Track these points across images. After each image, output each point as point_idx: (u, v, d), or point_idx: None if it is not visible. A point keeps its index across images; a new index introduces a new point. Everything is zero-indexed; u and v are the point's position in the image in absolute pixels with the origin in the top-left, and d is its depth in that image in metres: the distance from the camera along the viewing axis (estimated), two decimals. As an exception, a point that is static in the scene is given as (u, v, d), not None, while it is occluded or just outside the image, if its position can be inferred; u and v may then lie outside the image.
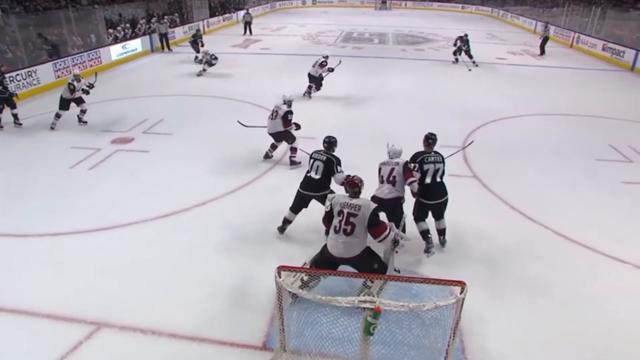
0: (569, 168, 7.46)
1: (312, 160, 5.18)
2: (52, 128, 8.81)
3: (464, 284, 3.04)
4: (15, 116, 8.96)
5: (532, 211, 6.01)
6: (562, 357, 3.77)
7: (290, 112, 7.04)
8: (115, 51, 15.25)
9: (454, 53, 15.53)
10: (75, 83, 8.73)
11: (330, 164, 5.05)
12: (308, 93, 11.14)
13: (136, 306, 4.23)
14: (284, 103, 7.11)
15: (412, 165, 4.91)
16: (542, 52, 18.00)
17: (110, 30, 16.19)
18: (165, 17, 19.90)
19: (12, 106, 8.88)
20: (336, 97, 11.32)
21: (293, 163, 7.26)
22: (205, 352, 3.75)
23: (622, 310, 4.33)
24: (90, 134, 8.69)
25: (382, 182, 4.96)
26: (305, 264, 4.29)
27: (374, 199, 4.74)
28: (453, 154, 5.93)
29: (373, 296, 2.80)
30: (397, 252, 4.26)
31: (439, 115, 9.74)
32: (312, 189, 5.15)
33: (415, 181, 4.81)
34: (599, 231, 5.59)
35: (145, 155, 7.68)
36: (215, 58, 13.12)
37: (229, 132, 8.50)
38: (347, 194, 4.07)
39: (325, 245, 4.04)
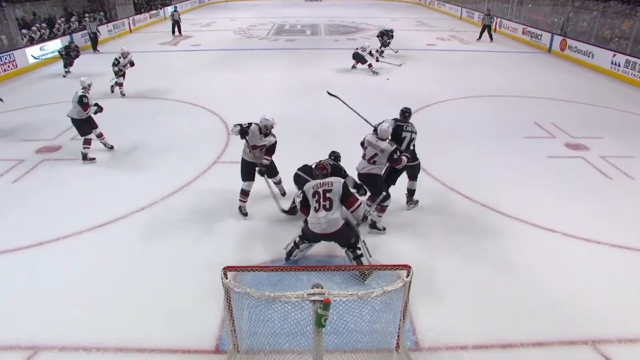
0: (501, 147, 7.88)
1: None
2: None
3: (410, 267, 3.13)
4: None
5: (469, 190, 6.29)
6: (504, 325, 4.00)
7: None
8: (32, 53, 14.16)
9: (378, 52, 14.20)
10: None
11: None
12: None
13: (75, 324, 4.00)
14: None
15: (397, 154, 5.13)
16: (491, 38, 18.43)
17: (24, 31, 15.00)
18: (96, 14, 18.70)
19: None
20: (272, 91, 11.22)
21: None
22: (155, 363, 3.62)
23: (554, 275, 4.66)
24: (11, 143, 8.04)
25: (363, 158, 5.28)
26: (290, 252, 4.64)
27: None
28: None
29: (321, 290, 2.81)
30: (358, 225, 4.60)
31: (376, 103, 9.91)
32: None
33: (404, 164, 5.21)
34: (530, 204, 5.96)
35: (75, 164, 7.22)
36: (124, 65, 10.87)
37: (162, 134, 8.23)
38: (316, 177, 4.54)
39: (307, 227, 4.44)
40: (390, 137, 5.24)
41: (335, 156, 5.42)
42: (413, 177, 5.76)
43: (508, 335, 3.90)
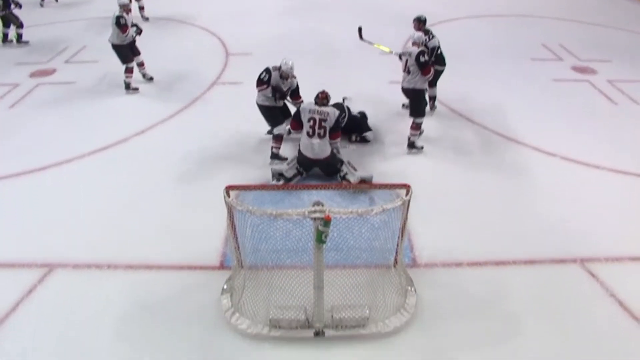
0: (507, 69, 7.65)
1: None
2: None
3: (409, 186, 3.18)
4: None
5: (470, 112, 6.24)
6: (498, 244, 4.16)
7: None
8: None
9: None
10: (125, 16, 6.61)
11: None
12: None
13: (86, 243, 4.15)
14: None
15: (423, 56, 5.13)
16: None
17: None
18: None
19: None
20: (273, 9, 10.68)
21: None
22: (164, 279, 3.81)
23: (549, 197, 4.76)
24: (3, 67, 7.82)
25: (404, 70, 5.36)
26: (276, 177, 4.78)
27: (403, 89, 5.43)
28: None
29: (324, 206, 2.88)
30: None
31: (374, 22, 9.45)
32: None
33: (431, 75, 5.26)
34: (532, 128, 5.92)
35: (71, 87, 7.08)
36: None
37: (162, 54, 7.97)
38: (316, 104, 4.73)
39: (299, 152, 4.77)
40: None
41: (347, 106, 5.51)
42: (435, 83, 5.94)
43: (501, 254, 4.06)
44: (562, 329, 3.43)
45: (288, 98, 5.25)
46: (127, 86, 6.82)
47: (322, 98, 4.78)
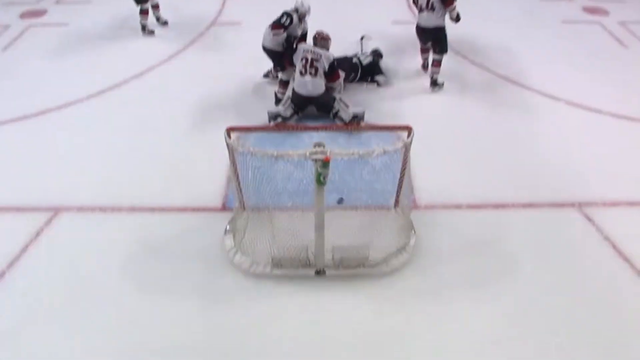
0: (512, 9, 7.34)
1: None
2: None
3: (410, 128, 3.15)
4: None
5: (474, 54, 6.10)
6: (498, 187, 4.19)
7: None
8: None
9: None
10: None
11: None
12: None
13: (90, 187, 4.18)
14: None
15: None
16: None
17: None
18: None
19: None
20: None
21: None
22: (167, 220, 3.87)
23: (550, 141, 4.74)
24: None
25: (420, 10, 5.23)
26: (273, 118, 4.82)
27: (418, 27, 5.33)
28: None
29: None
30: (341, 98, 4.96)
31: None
32: None
33: (455, 8, 5.06)
34: (537, 72, 5.79)
35: (64, 30, 6.84)
36: None
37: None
38: (315, 45, 4.80)
39: (293, 91, 4.83)
40: None
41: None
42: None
43: (501, 197, 4.09)
44: (556, 270, 3.51)
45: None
46: (143, 28, 6.60)
47: (320, 39, 4.80)
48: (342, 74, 5.08)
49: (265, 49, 5.06)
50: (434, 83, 5.43)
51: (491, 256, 3.61)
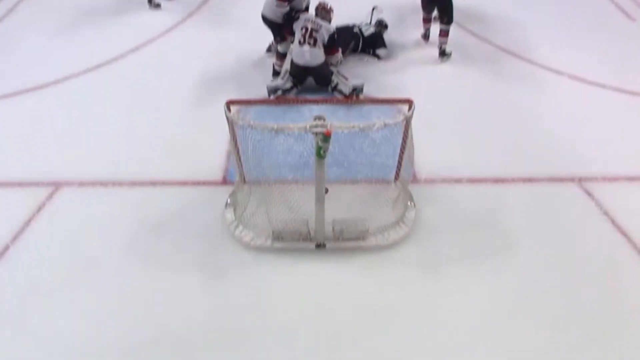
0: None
1: None
2: None
3: (411, 101, 3.13)
4: None
5: (475, 27, 6.01)
6: (498, 162, 4.19)
7: None
8: None
9: None
10: None
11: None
12: None
13: (90, 161, 4.18)
14: None
15: None
16: None
17: None
18: None
19: None
20: None
21: None
22: (168, 194, 3.88)
23: (552, 116, 4.70)
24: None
25: None
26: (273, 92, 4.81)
27: None
28: None
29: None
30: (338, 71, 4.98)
31: None
32: None
33: None
34: (540, 45, 5.72)
35: (59, 4, 6.64)
36: None
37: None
38: (316, 15, 4.83)
39: (292, 61, 4.83)
40: None
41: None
42: None
43: (501, 171, 4.10)
44: (554, 244, 3.54)
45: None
46: (150, 1, 6.45)
47: (321, 9, 4.83)
48: (339, 51, 5.06)
49: (265, 18, 4.99)
50: (443, 53, 5.44)
51: (490, 230, 3.63)
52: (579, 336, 2.97)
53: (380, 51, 5.50)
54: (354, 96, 4.77)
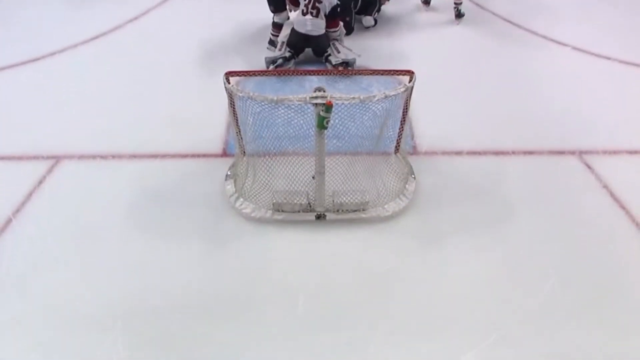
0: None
1: None
2: None
3: (412, 72, 3.10)
4: None
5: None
6: (499, 134, 4.18)
7: None
8: None
9: None
10: None
11: None
12: None
13: (89, 134, 4.15)
14: None
15: None
16: None
17: None
18: None
19: None
20: None
21: None
22: (167, 166, 3.87)
23: (554, 88, 4.68)
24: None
25: None
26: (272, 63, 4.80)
27: None
28: None
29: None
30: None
31: None
32: None
33: None
34: (543, 16, 5.64)
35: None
36: None
37: None
38: None
39: (292, 30, 4.87)
40: None
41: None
42: None
43: (501, 144, 4.08)
44: (553, 217, 3.55)
45: None
46: None
47: None
48: (340, 25, 5.02)
49: None
50: (459, 14, 5.55)
51: (490, 202, 3.64)
52: (575, 303, 3.01)
53: (366, 20, 5.39)
54: (342, 68, 4.75)
